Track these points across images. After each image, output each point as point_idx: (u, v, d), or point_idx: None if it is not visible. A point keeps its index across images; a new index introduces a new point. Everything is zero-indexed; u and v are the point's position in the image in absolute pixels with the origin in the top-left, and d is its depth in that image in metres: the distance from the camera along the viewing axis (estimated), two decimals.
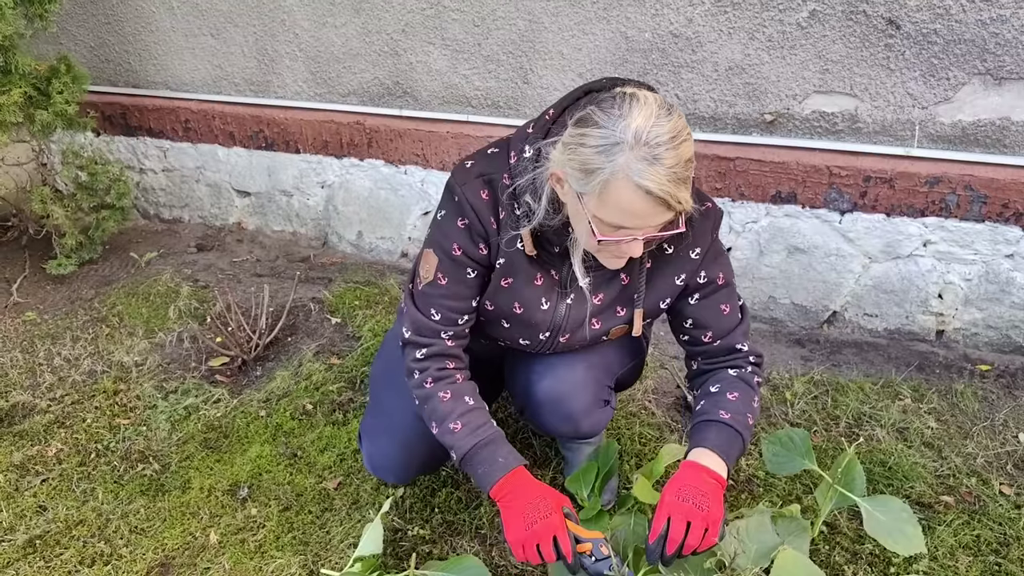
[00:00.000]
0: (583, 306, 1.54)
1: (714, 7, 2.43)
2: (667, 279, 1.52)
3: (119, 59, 3.38)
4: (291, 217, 3.39)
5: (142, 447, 2.15)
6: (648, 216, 1.25)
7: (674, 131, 1.20)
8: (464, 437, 1.49)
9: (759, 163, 2.53)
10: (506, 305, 1.55)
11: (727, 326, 1.57)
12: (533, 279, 1.51)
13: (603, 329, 1.58)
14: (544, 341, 1.61)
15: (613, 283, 1.52)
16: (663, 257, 1.50)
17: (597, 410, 1.70)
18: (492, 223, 1.46)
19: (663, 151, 1.18)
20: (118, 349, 2.58)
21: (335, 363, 2.49)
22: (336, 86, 3.08)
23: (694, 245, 1.48)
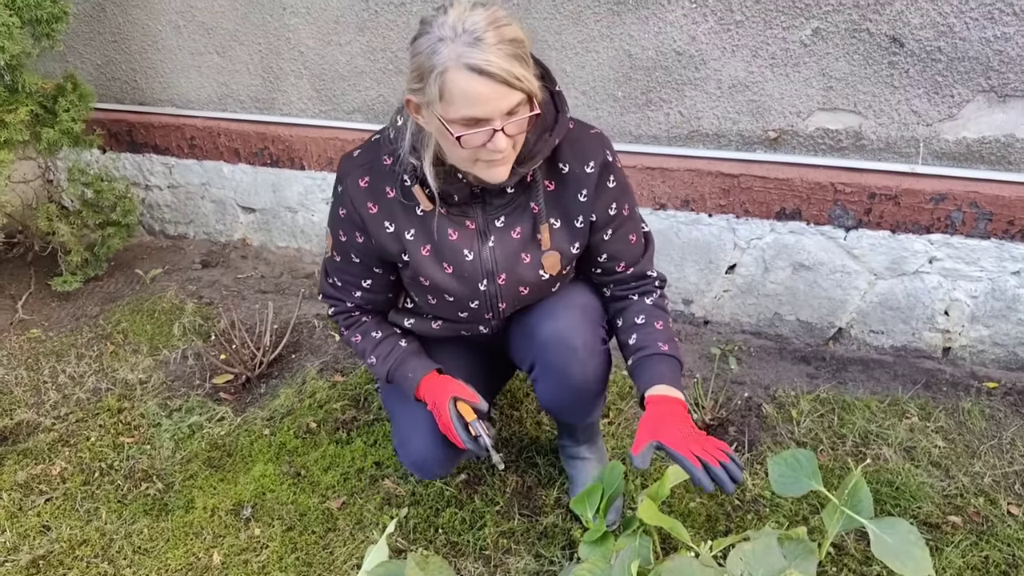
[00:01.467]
0: (507, 242, 1.59)
1: (717, 25, 2.43)
2: (570, 195, 1.57)
3: (125, 77, 3.40)
4: (296, 233, 3.40)
5: (146, 466, 2.15)
6: (493, 99, 1.28)
7: (490, 18, 1.27)
8: (380, 366, 1.73)
9: (763, 180, 2.53)
10: (436, 272, 1.60)
11: (637, 254, 1.71)
12: (447, 235, 1.57)
13: (535, 262, 1.61)
14: (485, 292, 1.63)
15: (525, 213, 1.58)
16: (560, 177, 1.56)
17: (598, 349, 1.71)
18: (370, 208, 1.54)
19: (483, 33, 1.25)
20: (122, 367, 2.58)
21: (339, 380, 2.49)
22: (341, 103, 3.10)
23: (587, 158, 1.55)
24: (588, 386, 1.73)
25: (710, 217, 2.65)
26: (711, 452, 1.44)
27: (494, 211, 1.57)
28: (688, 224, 2.68)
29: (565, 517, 1.94)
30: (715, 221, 2.65)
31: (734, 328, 2.79)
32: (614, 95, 2.64)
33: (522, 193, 1.57)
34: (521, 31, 1.30)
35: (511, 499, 2.00)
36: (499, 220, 1.58)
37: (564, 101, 1.50)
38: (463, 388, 1.67)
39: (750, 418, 2.31)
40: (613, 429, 2.24)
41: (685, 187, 2.62)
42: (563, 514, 1.94)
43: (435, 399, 1.66)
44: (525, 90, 1.30)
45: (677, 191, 2.64)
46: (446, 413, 1.62)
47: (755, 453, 2.15)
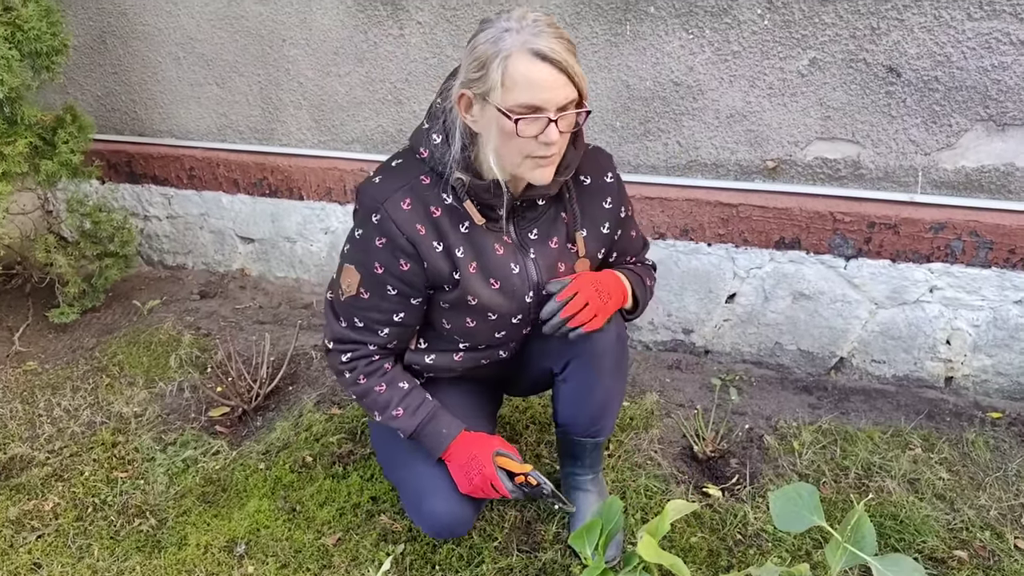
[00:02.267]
0: (547, 253, 1.64)
1: (715, 56, 2.44)
2: (596, 204, 1.68)
3: (125, 108, 3.41)
4: (294, 264, 3.39)
5: (139, 501, 2.12)
6: (552, 87, 1.34)
7: (550, 19, 1.38)
8: (407, 420, 1.66)
9: (762, 209, 2.52)
10: (484, 289, 1.59)
11: (639, 246, 1.88)
12: (495, 251, 1.59)
13: (569, 270, 1.69)
14: (529, 305, 1.66)
15: (557, 224, 1.65)
16: (582, 188, 1.67)
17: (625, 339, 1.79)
18: (419, 229, 1.51)
19: (544, 27, 1.34)
20: (118, 399, 2.55)
21: (336, 413, 2.46)
22: (340, 134, 3.10)
23: (604, 169, 1.70)
24: (616, 382, 1.78)
25: (709, 246, 2.64)
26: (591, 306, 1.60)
27: (526, 224, 1.62)
28: (687, 253, 2.67)
29: (564, 553, 1.90)
30: (714, 250, 2.64)
31: (735, 358, 2.76)
32: (612, 125, 2.64)
33: (552, 205, 1.64)
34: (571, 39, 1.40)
35: (509, 535, 1.97)
36: (532, 232, 1.63)
37: None
38: (502, 442, 1.70)
39: (752, 450, 2.29)
40: (613, 462, 2.21)
41: (684, 216, 2.61)
42: (562, 550, 1.91)
43: (474, 454, 1.63)
44: (579, 87, 1.38)
45: (676, 220, 2.63)
46: (490, 466, 1.62)
47: (757, 486, 2.12)
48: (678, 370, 2.72)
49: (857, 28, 2.29)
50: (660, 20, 2.45)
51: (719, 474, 2.20)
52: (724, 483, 2.15)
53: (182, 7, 3.09)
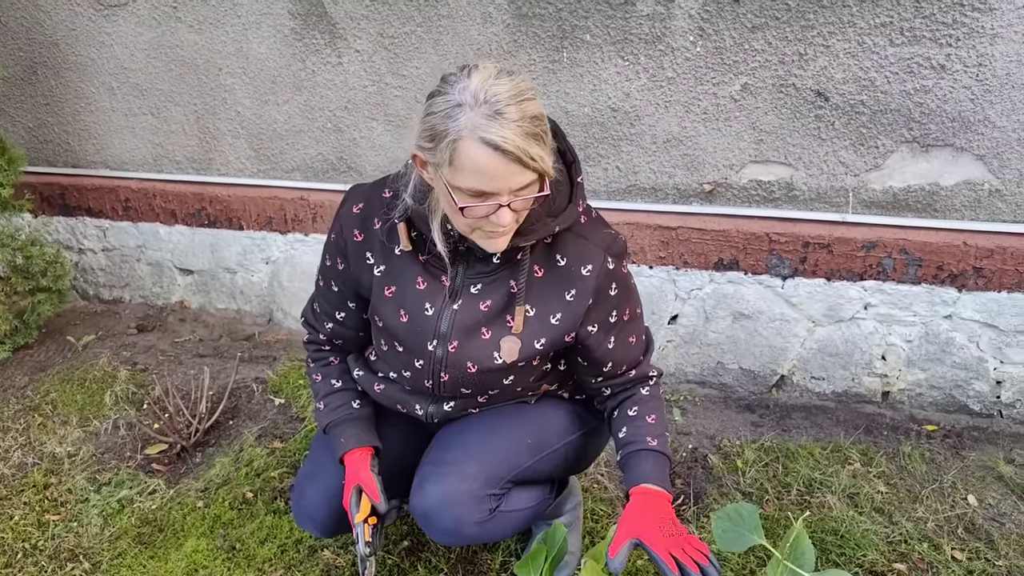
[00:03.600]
0: (472, 313, 1.50)
1: (650, 82, 2.48)
2: (556, 291, 1.48)
3: (58, 139, 3.33)
4: (235, 295, 3.34)
5: (72, 544, 2.05)
6: (503, 176, 1.24)
7: (515, 90, 1.22)
8: (323, 415, 1.70)
9: (700, 231, 2.57)
10: (392, 316, 1.55)
11: (637, 355, 1.64)
12: (415, 283, 1.52)
13: (493, 341, 1.51)
14: (432, 354, 1.54)
15: (501, 289, 1.49)
16: (554, 268, 1.48)
17: (480, 523, 1.60)
18: (356, 235, 1.54)
19: (504, 107, 1.20)
20: (50, 439, 2.47)
21: (278, 447, 2.42)
22: (279, 162, 3.07)
23: (585, 260, 1.47)
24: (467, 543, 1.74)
25: (651, 269, 2.67)
26: (689, 553, 1.40)
27: (473, 276, 1.50)
28: None
29: None
30: (656, 273, 2.67)
31: (679, 378, 2.79)
32: None
33: (507, 268, 1.48)
34: (541, 106, 1.26)
35: (455, 565, 1.94)
36: (475, 286, 1.50)
37: (582, 194, 1.47)
38: (371, 482, 1.60)
39: (696, 470, 2.30)
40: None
41: (626, 240, 2.64)
42: None
43: (350, 476, 1.62)
44: (538, 170, 1.25)
45: None
46: (346, 495, 1.61)
47: (701, 506, 2.14)
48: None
49: (785, 54, 2.35)
50: (596, 47, 2.49)
51: None
52: None
53: (115, 37, 3.04)
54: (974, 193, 2.35)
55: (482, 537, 1.66)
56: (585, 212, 1.50)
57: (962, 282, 2.41)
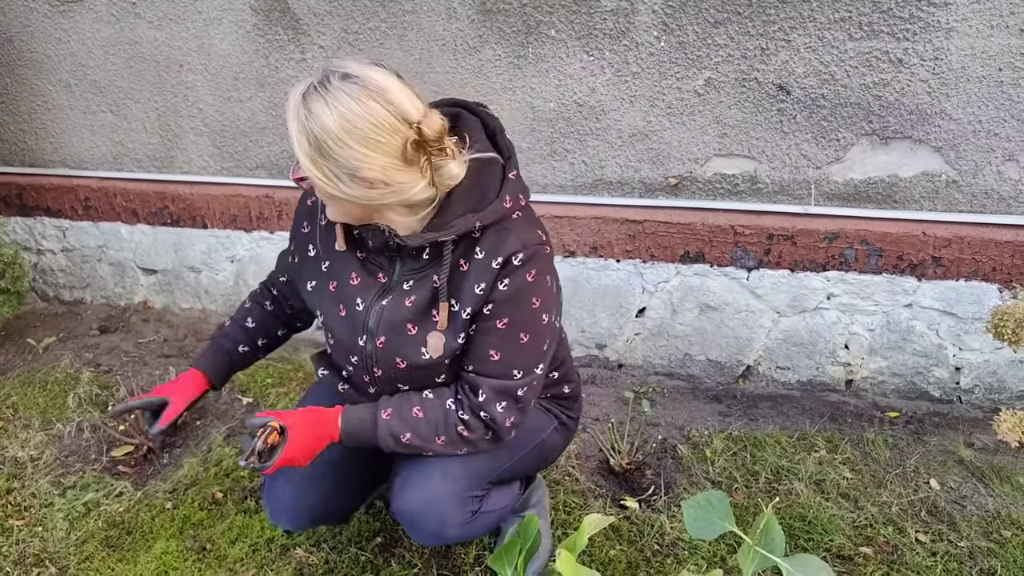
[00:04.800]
0: (399, 308, 1.50)
1: (615, 77, 2.50)
2: (469, 283, 1.45)
3: (14, 138, 3.26)
4: (200, 294, 3.29)
5: (37, 549, 2.01)
6: None
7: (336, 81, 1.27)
8: (216, 331, 1.84)
9: (667, 225, 2.59)
10: (331, 310, 1.58)
11: (488, 369, 1.50)
12: (350, 278, 1.55)
13: (420, 337, 1.50)
14: (363, 350, 1.55)
15: (426, 283, 1.49)
16: (473, 262, 1.45)
17: (463, 524, 1.62)
18: (304, 227, 1.62)
19: (315, 90, 1.28)
20: (12, 444, 2.42)
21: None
22: (243, 160, 3.04)
23: (499, 252, 1.43)
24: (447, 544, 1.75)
25: (618, 263, 2.69)
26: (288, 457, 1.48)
27: (406, 272, 1.51)
28: (597, 270, 2.71)
29: (485, 575, 1.89)
30: (623, 266, 2.69)
31: (647, 370, 2.82)
32: (519, 146, 2.67)
33: (435, 263, 1.48)
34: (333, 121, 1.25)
35: (429, 560, 1.94)
36: (407, 282, 1.51)
37: (514, 191, 1.45)
38: (173, 411, 1.68)
39: (666, 460, 2.33)
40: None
41: (592, 234, 2.66)
42: (483, 572, 1.90)
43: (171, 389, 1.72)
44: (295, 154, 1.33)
45: (585, 238, 2.67)
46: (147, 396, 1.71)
47: (672, 496, 2.16)
48: (593, 385, 2.76)
49: (748, 49, 2.38)
50: (561, 43, 2.50)
51: (636, 486, 2.23)
52: (641, 495, 2.18)
53: (72, 33, 2.98)
54: (932, 184, 2.41)
55: (463, 537, 1.66)
56: (519, 209, 1.48)
57: (921, 271, 2.47)
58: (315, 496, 1.68)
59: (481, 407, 1.50)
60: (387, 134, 1.27)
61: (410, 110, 1.30)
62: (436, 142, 1.33)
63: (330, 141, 1.26)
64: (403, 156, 1.30)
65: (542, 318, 1.49)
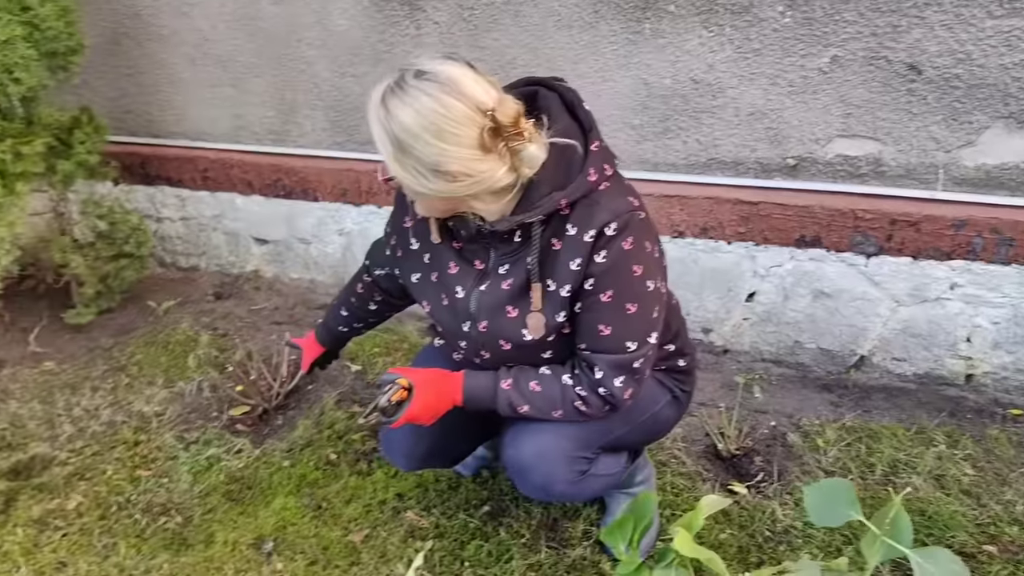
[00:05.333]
0: (496, 293, 1.53)
1: (735, 53, 2.45)
2: (563, 261, 1.45)
3: (139, 110, 3.41)
4: (309, 265, 3.39)
5: (164, 499, 2.11)
6: None
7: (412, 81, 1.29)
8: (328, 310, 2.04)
9: (782, 207, 2.53)
10: (435, 301, 1.62)
11: (601, 345, 1.49)
12: (448, 268, 1.59)
13: (519, 319, 1.51)
14: (468, 335, 1.60)
15: (520, 266, 1.50)
16: (565, 239, 1.45)
17: (571, 483, 1.64)
18: (407, 222, 1.65)
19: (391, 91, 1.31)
20: (138, 399, 2.55)
21: (357, 411, 2.46)
22: (355, 134, 3.10)
23: (592, 225, 1.41)
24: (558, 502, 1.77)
25: (729, 245, 2.64)
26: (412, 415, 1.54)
27: (500, 257, 1.53)
28: (707, 252, 2.67)
29: (593, 550, 1.90)
30: (734, 249, 2.64)
31: (754, 356, 2.76)
32: (631, 123, 2.64)
33: (525, 245, 1.49)
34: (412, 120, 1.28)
35: (537, 531, 1.96)
36: (503, 266, 1.53)
37: (598, 163, 1.43)
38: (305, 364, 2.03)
39: (776, 447, 2.28)
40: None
41: (703, 215, 2.61)
42: (591, 547, 1.90)
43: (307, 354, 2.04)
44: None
45: (695, 219, 2.63)
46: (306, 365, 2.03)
47: (784, 483, 2.12)
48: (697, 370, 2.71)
49: (878, 26, 2.29)
50: (680, 18, 2.46)
51: (744, 472, 2.19)
52: (749, 481, 2.14)
53: (197, 8, 3.09)
54: None
55: (568, 497, 1.70)
56: (606, 179, 1.45)
57: None
58: (429, 437, 1.73)
59: (599, 383, 1.51)
60: (462, 126, 1.29)
61: (484, 99, 1.31)
62: (512, 127, 1.33)
63: (410, 139, 1.29)
64: (481, 145, 1.31)
65: (647, 285, 1.48)
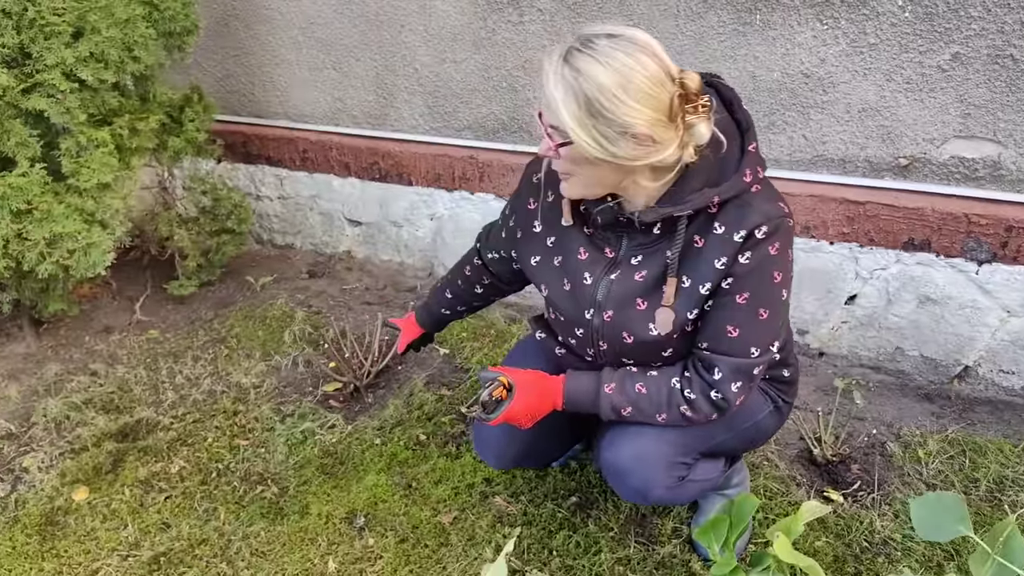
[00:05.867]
0: (628, 284, 1.51)
1: (849, 48, 2.36)
2: (709, 261, 1.42)
3: (244, 90, 3.51)
4: (399, 247, 3.44)
5: (261, 469, 2.18)
6: (544, 105, 1.32)
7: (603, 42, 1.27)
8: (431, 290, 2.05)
9: (891, 208, 2.43)
10: (556, 285, 1.60)
11: (726, 347, 1.46)
12: (577, 253, 1.56)
13: (648, 313, 1.49)
14: (590, 323, 1.56)
15: (658, 260, 1.48)
16: (710, 237, 1.42)
17: (668, 488, 1.62)
18: (531, 203, 1.63)
19: (575, 49, 1.27)
20: (236, 370, 2.63)
21: (446, 394, 2.49)
22: (452, 120, 3.12)
23: (740, 226, 1.39)
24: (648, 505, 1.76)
25: (831, 245, 2.56)
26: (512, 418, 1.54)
27: (634, 247, 1.51)
28: (807, 251, 2.60)
29: (684, 548, 1.87)
30: (836, 249, 2.56)
31: (851, 361, 2.68)
32: None
33: (665, 238, 1.47)
34: (615, 76, 1.25)
35: (625, 525, 1.95)
36: (636, 257, 1.51)
37: (753, 164, 1.41)
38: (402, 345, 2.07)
39: (874, 456, 2.21)
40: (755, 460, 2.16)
41: (806, 212, 2.54)
42: (681, 545, 1.88)
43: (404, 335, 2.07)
44: (552, 121, 1.31)
45: (797, 217, 2.56)
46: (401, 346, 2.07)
47: (883, 493, 2.05)
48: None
49: (1005, 23, 2.18)
50: (793, 10, 2.39)
51: (839, 479, 2.13)
52: (845, 488, 2.08)
53: None
54: None
55: (665, 501, 1.66)
56: (758, 182, 1.43)
57: None
58: (522, 439, 1.73)
59: (715, 385, 1.48)
60: (658, 87, 1.27)
61: (672, 65, 1.31)
62: (697, 96, 1.31)
63: (603, 99, 1.26)
64: (669, 111, 1.29)
65: (781, 294, 1.46)
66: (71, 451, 2.26)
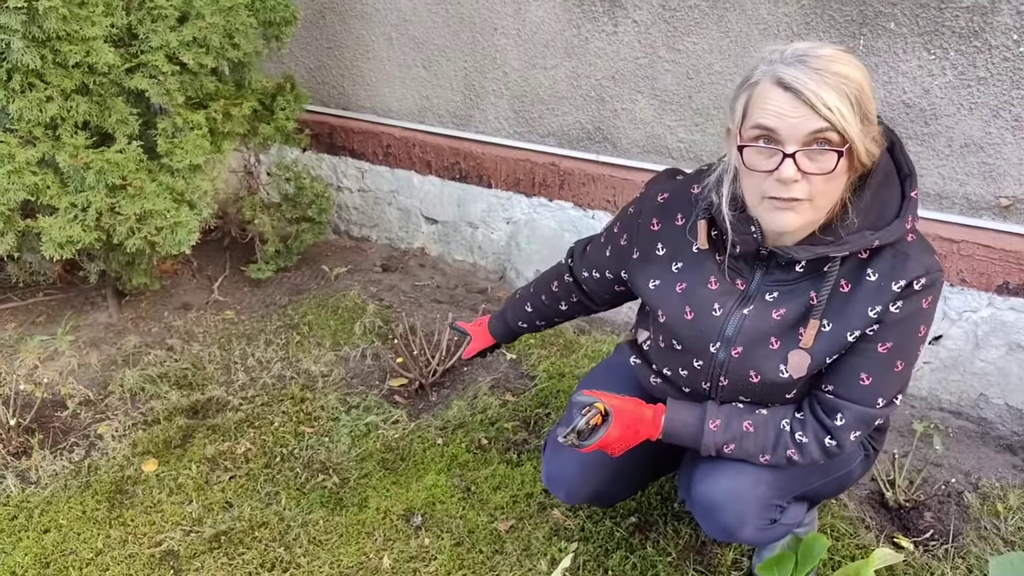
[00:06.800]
0: (763, 320, 1.42)
1: (956, 80, 2.27)
2: (861, 309, 1.36)
3: (334, 82, 3.57)
4: (473, 248, 3.45)
5: (323, 458, 2.21)
6: (789, 115, 1.20)
7: (826, 50, 1.21)
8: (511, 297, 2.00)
9: (987, 248, 2.33)
10: (677, 313, 1.50)
11: (858, 395, 1.40)
12: (707, 282, 1.48)
13: (781, 353, 1.42)
14: (713, 357, 1.48)
15: (800, 299, 1.40)
16: (862, 283, 1.35)
17: (759, 529, 1.56)
18: (653, 224, 1.54)
19: (806, 56, 1.19)
20: (306, 357, 2.67)
21: (510, 400, 2.48)
22: (537, 126, 3.12)
23: (899, 276, 1.33)
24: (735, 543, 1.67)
25: None
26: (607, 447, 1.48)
27: (772, 283, 1.43)
28: None
29: None
30: None
31: (931, 404, 2.58)
32: None
33: (810, 278, 1.40)
34: (862, 76, 1.22)
35: (684, 552, 1.91)
36: (771, 294, 1.43)
37: (913, 210, 1.36)
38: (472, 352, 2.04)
39: (949, 505, 2.12)
40: None
41: None
42: None
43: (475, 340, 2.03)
44: (831, 121, 1.18)
45: None
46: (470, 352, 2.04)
47: (957, 545, 1.97)
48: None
49: None
50: (900, 37, 2.31)
51: (911, 526, 2.05)
52: (917, 536, 2.00)
53: None
54: None
55: (753, 541, 1.61)
56: (914, 231, 1.37)
57: None
58: (598, 479, 1.68)
59: (834, 432, 1.43)
60: None
61: None
62: None
63: (867, 101, 1.23)
64: None
65: (919, 349, 1.41)
66: (144, 423, 2.33)
